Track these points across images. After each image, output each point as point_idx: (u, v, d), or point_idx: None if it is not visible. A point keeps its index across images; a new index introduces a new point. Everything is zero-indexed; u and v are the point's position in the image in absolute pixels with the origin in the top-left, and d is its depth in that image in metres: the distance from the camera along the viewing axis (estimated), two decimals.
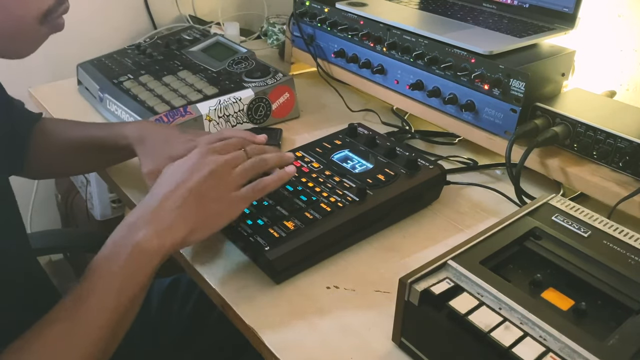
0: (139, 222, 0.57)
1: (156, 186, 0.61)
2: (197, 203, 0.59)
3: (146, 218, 0.57)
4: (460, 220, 0.78)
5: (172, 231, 0.57)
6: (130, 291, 0.54)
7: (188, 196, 0.59)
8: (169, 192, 0.59)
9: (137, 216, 0.58)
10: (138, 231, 0.56)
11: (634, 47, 0.93)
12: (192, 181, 0.60)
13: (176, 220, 0.58)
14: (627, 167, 0.76)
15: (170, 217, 0.58)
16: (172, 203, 0.58)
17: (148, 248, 0.55)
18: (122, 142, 0.78)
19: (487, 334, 0.47)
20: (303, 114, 1.05)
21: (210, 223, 0.60)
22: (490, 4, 1.05)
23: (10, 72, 0.79)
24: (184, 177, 0.60)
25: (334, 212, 0.69)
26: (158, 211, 0.58)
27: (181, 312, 0.93)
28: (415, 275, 0.52)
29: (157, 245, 0.56)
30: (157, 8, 1.56)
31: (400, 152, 0.80)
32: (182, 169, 0.62)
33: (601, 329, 0.49)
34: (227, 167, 0.63)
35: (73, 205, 1.59)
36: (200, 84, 0.99)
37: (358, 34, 1.02)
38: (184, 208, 0.58)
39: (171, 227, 0.57)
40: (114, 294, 0.53)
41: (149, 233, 0.56)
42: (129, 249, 0.55)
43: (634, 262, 0.55)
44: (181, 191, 0.59)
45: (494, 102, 0.84)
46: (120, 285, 0.54)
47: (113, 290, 0.53)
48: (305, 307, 0.62)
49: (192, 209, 0.59)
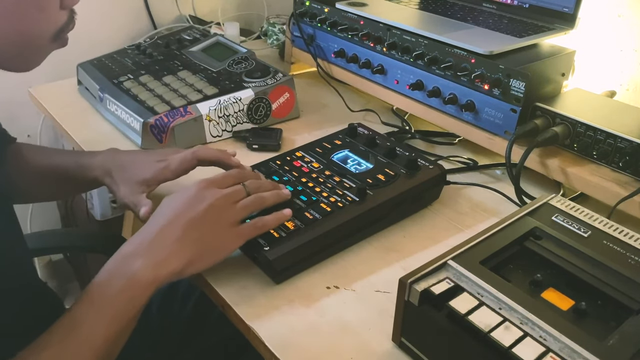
0: (135, 252, 0.57)
1: (154, 216, 0.61)
2: (195, 236, 0.59)
3: (143, 249, 0.57)
4: (460, 220, 0.78)
5: (169, 263, 0.57)
6: (122, 320, 0.55)
7: (187, 228, 0.59)
8: (167, 223, 0.59)
9: (134, 246, 0.58)
10: (134, 262, 0.56)
11: (634, 47, 0.93)
12: (192, 213, 0.60)
13: (173, 252, 0.57)
14: (627, 167, 0.76)
15: (167, 249, 0.57)
16: (171, 235, 0.58)
17: (143, 279, 0.55)
18: (89, 175, 0.77)
19: (487, 334, 0.47)
20: (303, 114, 1.05)
21: (207, 257, 0.60)
22: (490, 4, 1.05)
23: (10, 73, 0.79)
24: (183, 208, 0.60)
25: (334, 212, 0.69)
26: (155, 242, 0.58)
27: (181, 312, 0.93)
28: (415, 275, 0.52)
29: (152, 277, 0.56)
30: (157, 8, 1.55)
31: (400, 152, 0.80)
32: (181, 200, 0.61)
33: (601, 329, 0.49)
34: (227, 201, 0.63)
35: (73, 205, 1.59)
36: (200, 84, 0.99)
37: (358, 34, 1.02)
38: (182, 241, 0.58)
39: (168, 259, 0.57)
40: (106, 322, 0.54)
41: (145, 264, 0.56)
42: (124, 280, 0.55)
43: (634, 262, 0.55)
44: (180, 223, 0.59)
45: (494, 102, 0.84)
46: (113, 314, 0.54)
47: (105, 318, 0.54)
48: (305, 307, 0.62)
49: (190, 242, 0.59)
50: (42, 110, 1.08)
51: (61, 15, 0.60)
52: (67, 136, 0.99)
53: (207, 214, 0.60)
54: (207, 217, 0.60)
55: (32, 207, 1.56)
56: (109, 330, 0.53)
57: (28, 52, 0.60)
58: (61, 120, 1.02)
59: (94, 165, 0.77)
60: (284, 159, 0.80)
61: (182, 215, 0.60)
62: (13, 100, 1.30)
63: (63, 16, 0.60)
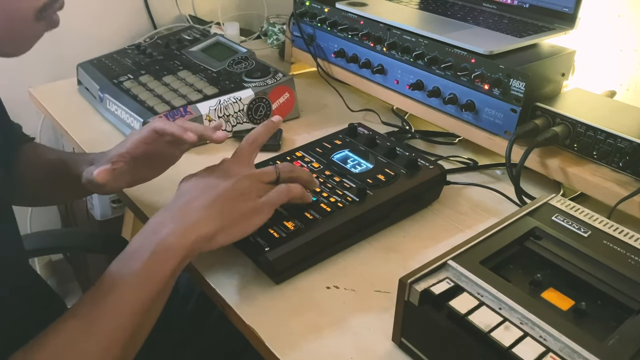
0: (164, 220, 0.57)
1: (182, 190, 0.61)
2: (224, 206, 0.59)
3: (172, 216, 0.57)
4: (460, 220, 0.78)
5: (199, 228, 0.56)
6: (153, 288, 0.53)
7: (216, 198, 0.59)
8: (196, 194, 0.59)
9: (162, 216, 0.57)
10: (163, 228, 0.55)
11: (634, 47, 0.93)
12: (222, 185, 0.60)
13: (202, 218, 0.57)
14: (627, 167, 0.76)
15: (196, 215, 0.57)
16: (200, 203, 0.58)
17: (173, 244, 0.55)
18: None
19: (487, 334, 0.47)
20: (303, 114, 1.05)
21: (236, 228, 0.60)
22: (490, 4, 1.05)
23: (10, 72, 0.79)
24: (212, 181, 0.61)
25: (334, 212, 0.69)
26: (184, 210, 0.58)
27: (181, 312, 0.93)
28: (415, 275, 0.52)
29: (182, 242, 0.55)
30: (157, 8, 1.56)
31: (400, 152, 0.80)
32: (212, 175, 0.62)
33: (601, 329, 0.49)
34: (256, 179, 0.63)
35: (73, 205, 1.59)
36: (200, 84, 0.99)
37: (358, 34, 1.02)
38: (211, 208, 0.58)
39: (197, 224, 0.57)
40: (136, 290, 0.53)
41: (173, 229, 0.55)
42: (153, 246, 0.54)
43: (634, 262, 0.55)
44: (209, 193, 0.59)
45: (494, 102, 0.84)
46: (143, 281, 0.53)
47: (133, 286, 0.53)
48: (305, 307, 0.62)
49: (218, 211, 0.58)
50: (42, 110, 1.08)
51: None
52: (67, 136, 0.99)
53: (236, 186, 0.60)
54: (236, 190, 0.60)
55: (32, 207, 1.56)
56: (139, 298, 0.52)
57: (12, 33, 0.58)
58: (61, 120, 1.02)
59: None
60: (284, 159, 0.80)
61: (212, 187, 0.60)
62: (13, 100, 1.30)
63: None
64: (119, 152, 0.69)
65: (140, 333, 0.54)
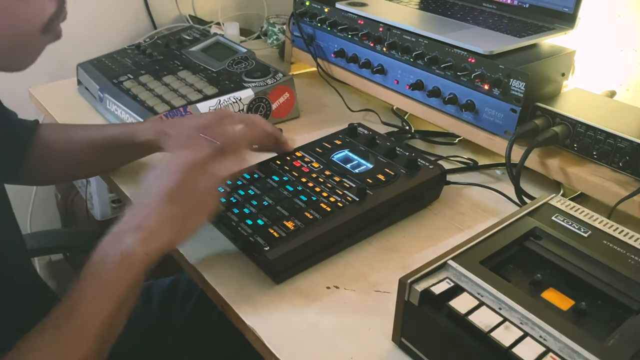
0: (124, 229, 0.57)
1: (139, 194, 0.61)
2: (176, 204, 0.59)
3: (131, 226, 0.57)
4: (460, 220, 0.78)
5: (158, 235, 0.57)
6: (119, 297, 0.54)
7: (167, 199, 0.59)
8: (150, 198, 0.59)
9: (122, 224, 0.58)
10: (124, 239, 0.56)
11: (634, 47, 0.93)
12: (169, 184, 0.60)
13: (160, 224, 0.58)
14: (627, 167, 0.76)
15: (154, 222, 0.57)
16: (154, 208, 0.58)
17: (134, 254, 0.55)
18: (140, 139, 0.78)
19: (487, 334, 0.47)
20: (303, 114, 1.05)
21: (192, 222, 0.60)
22: (490, 4, 1.05)
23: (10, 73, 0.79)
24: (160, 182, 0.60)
25: (334, 212, 0.69)
26: (142, 218, 0.58)
27: (181, 312, 0.93)
28: (415, 275, 0.52)
29: (144, 252, 0.56)
30: (157, 8, 1.55)
31: (400, 152, 0.80)
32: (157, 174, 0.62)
33: (601, 329, 0.49)
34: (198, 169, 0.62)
35: (73, 205, 1.59)
36: (200, 84, 0.99)
37: (358, 34, 1.02)
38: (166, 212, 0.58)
39: (156, 231, 0.57)
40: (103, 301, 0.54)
41: (134, 240, 0.56)
42: (116, 258, 0.55)
43: (634, 262, 0.55)
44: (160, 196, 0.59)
45: (494, 102, 0.84)
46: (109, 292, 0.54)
47: (102, 297, 0.54)
48: (305, 307, 0.62)
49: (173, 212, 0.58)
50: (42, 110, 1.08)
51: (49, 5, 0.58)
52: None
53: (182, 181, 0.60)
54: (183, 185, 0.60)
55: (32, 207, 1.56)
56: (106, 309, 0.54)
57: (19, 48, 0.59)
58: (61, 120, 1.02)
59: (144, 129, 0.78)
60: (283, 159, 0.80)
61: (161, 188, 0.59)
62: (13, 100, 1.30)
63: (51, 6, 0.58)
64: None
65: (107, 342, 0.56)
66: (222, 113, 0.78)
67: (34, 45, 0.60)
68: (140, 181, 0.61)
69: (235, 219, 0.68)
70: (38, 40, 0.59)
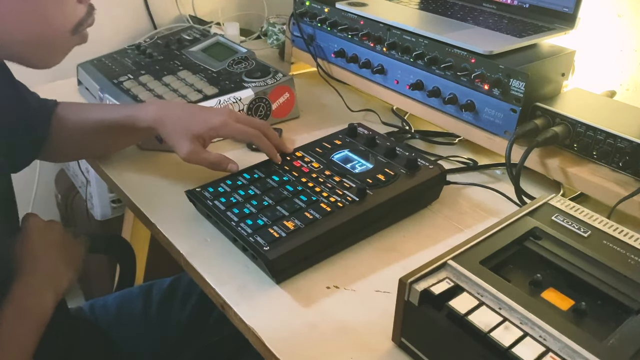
0: (30, 291, 0.65)
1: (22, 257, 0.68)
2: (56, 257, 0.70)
3: (35, 286, 0.65)
4: (460, 220, 0.78)
5: (61, 282, 0.69)
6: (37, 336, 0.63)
7: (46, 254, 0.69)
8: (36, 257, 0.68)
9: (24, 287, 0.65)
10: (33, 299, 0.64)
11: (634, 47, 0.93)
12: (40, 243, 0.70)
13: (57, 274, 0.69)
14: (627, 167, 0.76)
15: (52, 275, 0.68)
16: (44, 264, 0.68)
17: (48, 307, 0.65)
18: (141, 125, 0.79)
19: (487, 334, 0.47)
20: (303, 114, 1.05)
21: (71, 268, 0.72)
22: (490, 4, 1.05)
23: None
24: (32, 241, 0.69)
25: (334, 212, 0.69)
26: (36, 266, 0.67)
27: (181, 312, 0.93)
28: (415, 275, 0.52)
29: (53, 301, 0.66)
30: (157, 8, 1.55)
31: (400, 152, 0.80)
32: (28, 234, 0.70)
33: (601, 329, 0.49)
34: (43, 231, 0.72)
35: (73, 205, 1.59)
36: (200, 84, 0.99)
37: (358, 34, 1.02)
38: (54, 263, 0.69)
39: (58, 280, 0.69)
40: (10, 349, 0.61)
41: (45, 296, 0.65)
42: (35, 319, 0.64)
43: (634, 262, 0.55)
44: (43, 253, 0.69)
45: (494, 102, 0.84)
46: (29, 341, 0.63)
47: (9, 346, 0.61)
48: (305, 307, 0.62)
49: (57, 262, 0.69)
50: None
51: (79, 9, 0.64)
52: None
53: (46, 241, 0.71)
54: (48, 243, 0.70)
55: (32, 207, 1.56)
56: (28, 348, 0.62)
57: (49, 46, 0.64)
58: None
59: (146, 115, 0.79)
60: (283, 158, 0.80)
61: (38, 245, 0.69)
62: None
63: (81, 10, 0.64)
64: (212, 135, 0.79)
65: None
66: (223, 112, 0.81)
67: (62, 44, 0.65)
68: None
69: (235, 219, 0.68)
70: (66, 40, 0.65)
